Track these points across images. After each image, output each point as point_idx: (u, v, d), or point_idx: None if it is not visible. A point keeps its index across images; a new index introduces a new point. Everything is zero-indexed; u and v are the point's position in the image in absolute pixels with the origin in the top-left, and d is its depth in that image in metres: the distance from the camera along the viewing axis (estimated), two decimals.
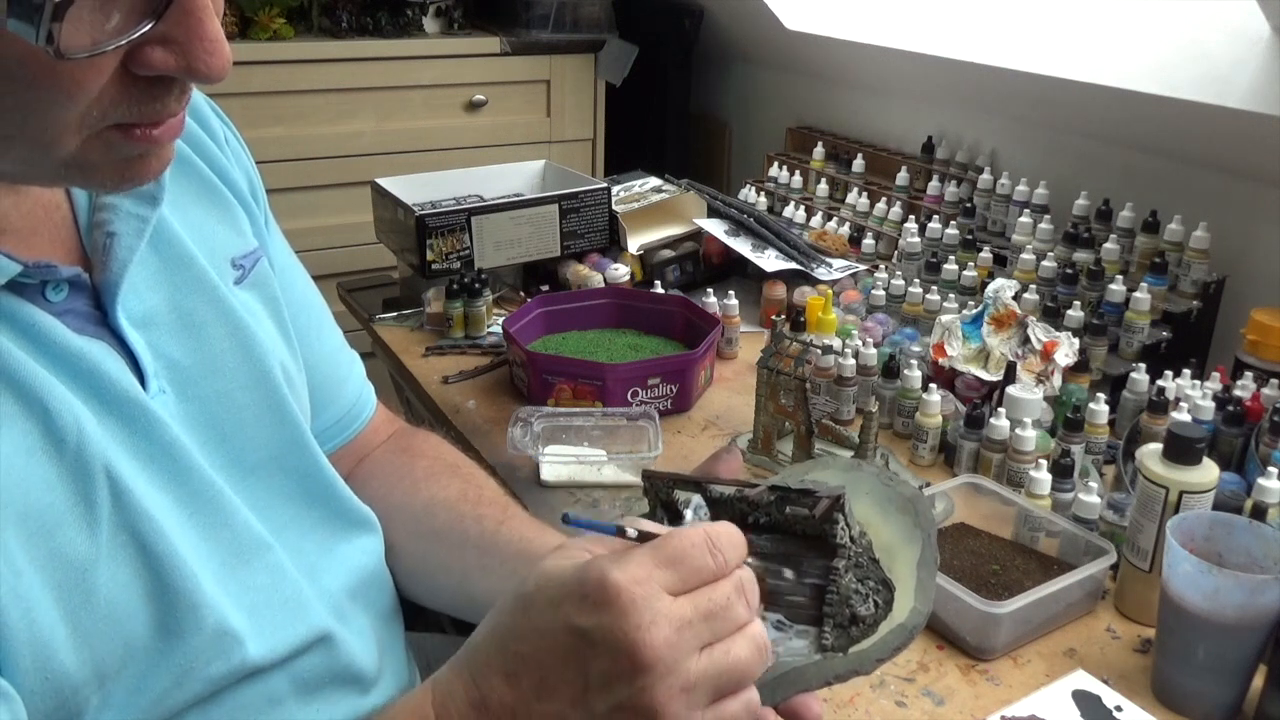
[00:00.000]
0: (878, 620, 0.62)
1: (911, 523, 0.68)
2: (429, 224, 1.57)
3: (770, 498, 0.64)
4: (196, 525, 0.65)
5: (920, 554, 0.66)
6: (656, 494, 0.66)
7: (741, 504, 0.65)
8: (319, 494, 0.77)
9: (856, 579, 0.63)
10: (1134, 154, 1.68)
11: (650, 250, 1.72)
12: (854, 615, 0.62)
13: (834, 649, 0.61)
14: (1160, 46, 1.56)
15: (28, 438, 0.57)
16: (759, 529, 0.65)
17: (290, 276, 0.84)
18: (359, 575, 0.79)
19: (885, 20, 2.03)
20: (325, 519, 0.77)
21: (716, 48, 2.69)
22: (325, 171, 2.36)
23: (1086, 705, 0.87)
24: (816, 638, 0.61)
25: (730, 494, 0.65)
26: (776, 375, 1.20)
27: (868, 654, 0.61)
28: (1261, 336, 1.28)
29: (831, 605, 0.62)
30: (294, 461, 0.75)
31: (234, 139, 0.80)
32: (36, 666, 0.56)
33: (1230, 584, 0.81)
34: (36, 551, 0.56)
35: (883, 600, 0.63)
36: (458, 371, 1.46)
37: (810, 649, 0.61)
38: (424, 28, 2.51)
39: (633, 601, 0.49)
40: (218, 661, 0.63)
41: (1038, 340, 1.29)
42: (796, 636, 0.62)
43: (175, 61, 0.51)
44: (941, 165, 1.94)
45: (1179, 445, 0.92)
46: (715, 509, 0.66)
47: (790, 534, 0.64)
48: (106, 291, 0.63)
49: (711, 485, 0.66)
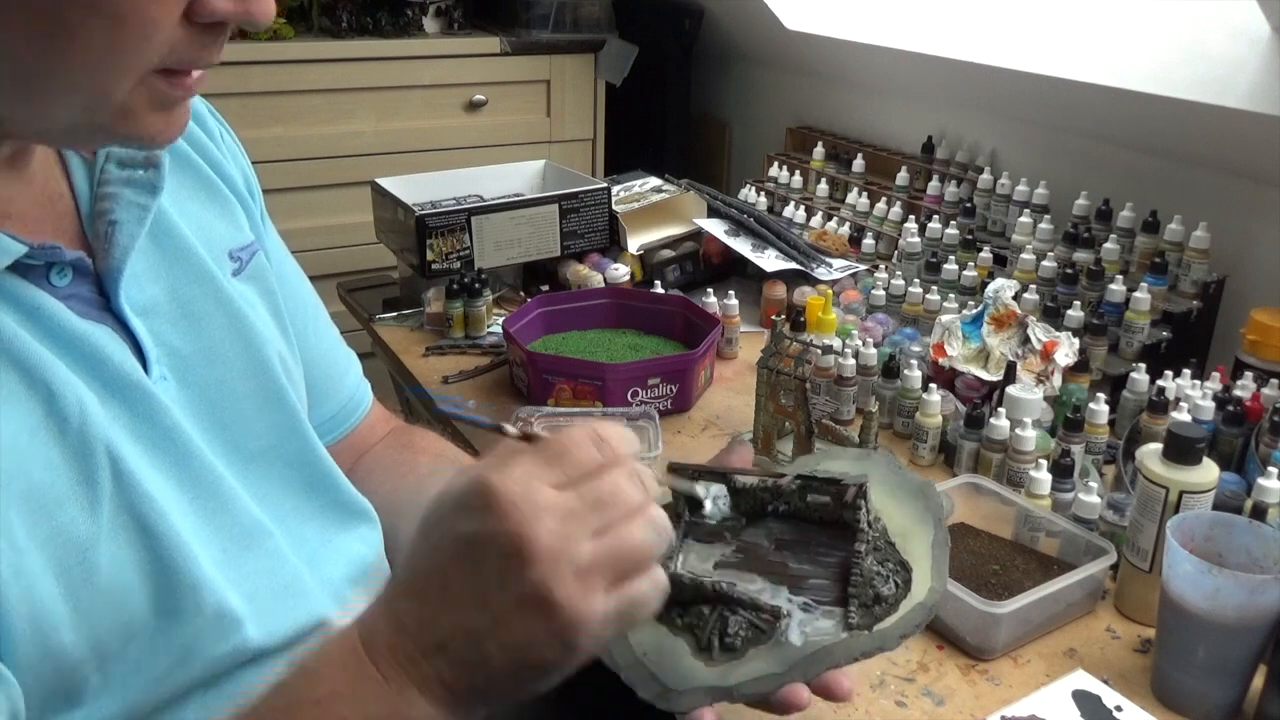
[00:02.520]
0: (899, 599, 0.66)
1: (923, 507, 0.71)
2: (429, 224, 1.57)
3: (794, 486, 0.68)
4: (197, 509, 0.65)
5: (934, 536, 0.69)
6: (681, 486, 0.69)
7: (764, 493, 0.69)
8: (318, 483, 0.77)
9: (877, 561, 0.66)
10: (1134, 154, 1.68)
11: (650, 250, 1.72)
12: (877, 595, 0.65)
13: (859, 627, 0.64)
14: (1160, 46, 1.56)
15: (31, 417, 0.58)
16: (778, 516, 0.70)
17: (286, 272, 0.85)
18: (359, 565, 0.79)
19: (885, 20, 2.03)
20: (324, 508, 0.78)
21: (716, 48, 2.69)
22: (325, 171, 2.36)
23: (1086, 705, 0.87)
24: (843, 617, 0.64)
25: (754, 484, 0.69)
26: (776, 375, 1.20)
27: (891, 631, 0.64)
28: (1261, 336, 1.28)
29: (856, 586, 0.65)
30: (293, 450, 0.75)
31: (229, 136, 0.81)
32: (36, 644, 0.56)
33: (1230, 584, 0.81)
34: (38, 530, 0.57)
35: (902, 580, 0.67)
36: (458, 371, 1.46)
37: (837, 628, 0.64)
38: (424, 28, 2.51)
39: (513, 501, 0.49)
40: (218, 644, 0.64)
41: (1038, 340, 1.29)
42: (823, 617, 0.65)
43: (234, 7, 0.56)
44: (941, 165, 1.94)
45: (1179, 445, 0.92)
46: (736, 498, 0.70)
47: (808, 521, 0.68)
48: (109, 278, 0.64)
49: (737, 476, 0.70)
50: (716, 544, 0.71)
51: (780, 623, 0.65)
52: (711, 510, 0.70)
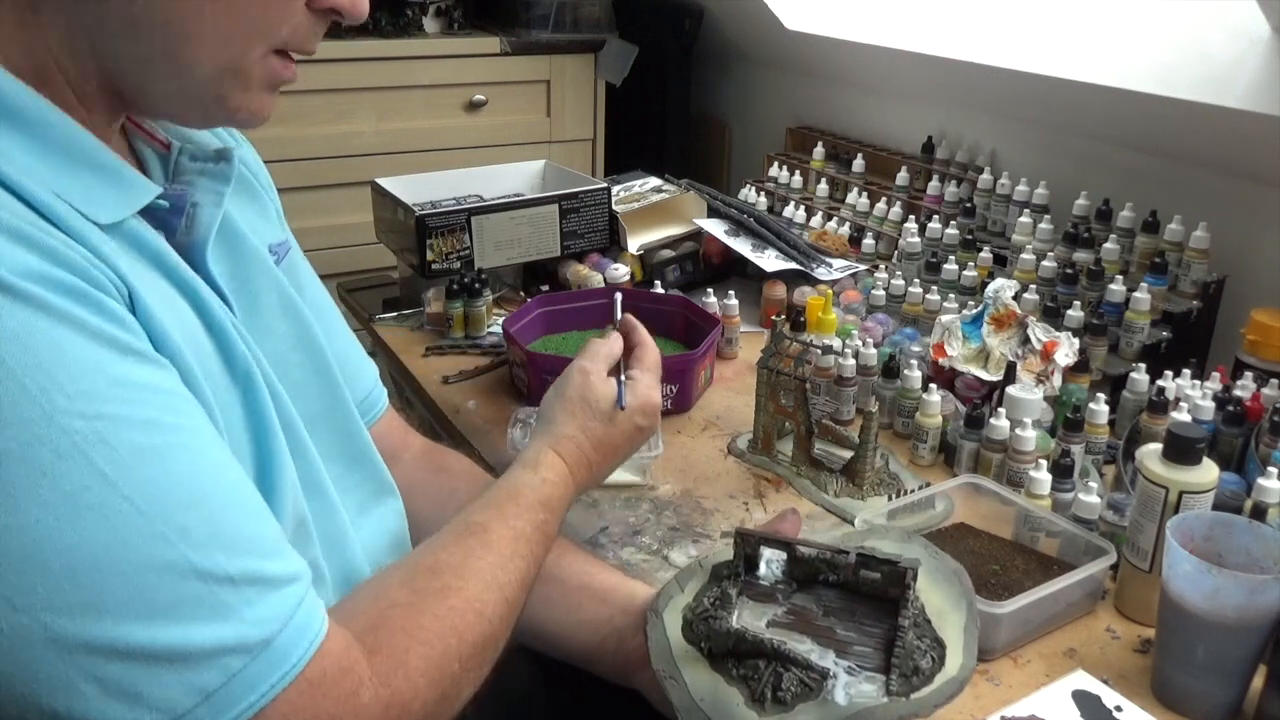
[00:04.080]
0: (933, 673, 0.73)
1: (958, 592, 0.80)
2: (429, 224, 1.57)
3: (851, 561, 0.77)
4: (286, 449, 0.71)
5: (966, 619, 0.77)
6: (744, 549, 0.80)
7: (821, 564, 0.78)
8: (361, 458, 0.84)
9: (916, 636, 0.74)
10: (1134, 154, 1.68)
11: (650, 250, 1.72)
12: (916, 667, 0.72)
13: (899, 694, 0.71)
14: (1160, 46, 1.56)
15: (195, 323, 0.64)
16: (827, 585, 0.79)
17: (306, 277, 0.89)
18: (390, 537, 0.85)
19: (885, 20, 2.03)
20: (363, 481, 0.84)
21: (716, 48, 2.69)
22: (325, 171, 2.36)
23: (1086, 705, 0.87)
24: (884, 684, 0.71)
25: (814, 554, 0.78)
26: (776, 375, 1.20)
27: (926, 700, 0.71)
28: (1261, 336, 1.28)
29: (899, 657, 0.72)
30: (339, 420, 0.81)
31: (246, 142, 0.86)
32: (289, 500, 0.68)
33: (1230, 584, 0.81)
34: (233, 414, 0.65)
35: (937, 656, 0.74)
36: (458, 371, 1.46)
37: (879, 692, 0.71)
38: (424, 28, 2.51)
39: (656, 409, 0.93)
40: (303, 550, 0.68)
41: (1038, 340, 1.29)
42: (866, 681, 0.72)
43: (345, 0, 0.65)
44: (941, 165, 1.94)
45: (1179, 445, 0.91)
46: (792, 566, 0.80)
47: (854, 592, 0.78)
48: (195, 250, 0.69)
49: (799, 547, 0.79)
50: (769, 604, 0.79)
51: (827, 683, 0.72)
52: (765, 573, 0.80)
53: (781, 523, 0.91)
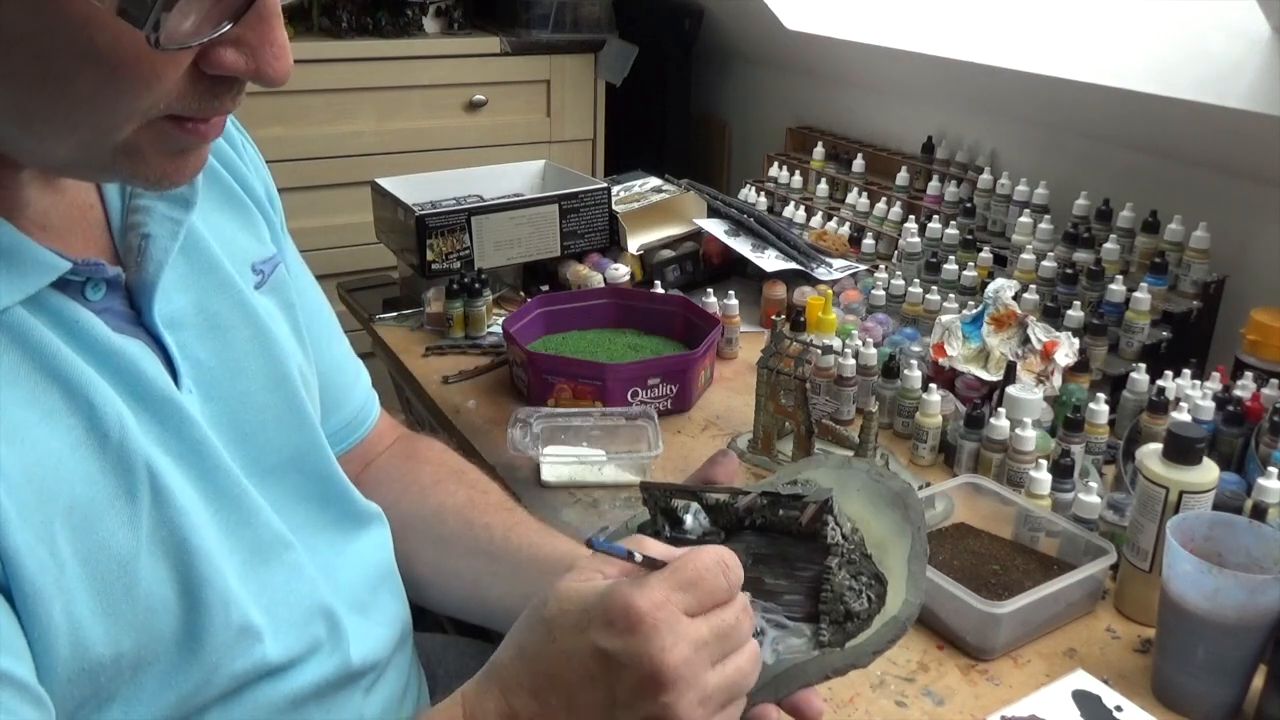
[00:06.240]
0: (871, 615, 0.65)
1: (901, 517, 0.70)
2: (429, 224, 1.57)
3: (762, 503, 0.66)
4: (221, 522, 0.66)
5: (911, 547, 0.68)
6: (655, 503, 0.69)
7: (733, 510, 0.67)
8: (333, 496, 0.78)
9: (849, 575, 0.65)
10: (1134, 154, 1.68)
11: (650, 250, 1.72)
12: (848, 611, 0.64)
13: (831, 644, 0.63)
14: (1160, 46, 1.56)
15: (73, 433, 0.58)
16: (755, 529, 0.68)
17: (302, 284, 0.86)
18: (374, 570, 0.81)
19: (885, 20, 2.03)
20: (337, 519, 0.79)
21: (716, 48, 2.69)
22: (325, 171, 2.36)
23: (1086, 705, 0.87)
24: (814, 634, 0.64)
25: (721, 500, 0.67)
26: (776, 375, 1.20)
27: (863, 647, 0.63)
28: (1261, 336, 1.28)
29: (826, 603, 0.64)
30: (311, 464, 0.76)
31: (251, 148, 0.81)
32: (75, 656, 0.57)
33: (1230, 584, 0.81)
34: (81, 544, 0.57)
35: (876, 595, 0.65)
36: (458, 371, 1.46)
37: (808, 645, 0.64)
38: (424, 28, 2.51)
39: (655, 626, 0.53)
40: (239, 658, 0.64)
41: (1038, 340, 1.29)
42: (795, 634, 0.64)
43: (245, 64, 0.53)
44: (941, 165, 1.94)
45: (1179, 445, 0.91)
46: (712, 514, 0.68)
47: (785, 533, 0.66)
48: (142, 292, 0.64)
49: (706, 494, 0.68)
50: None
51: None
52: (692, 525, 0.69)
53: (714, 466, 0.81)
